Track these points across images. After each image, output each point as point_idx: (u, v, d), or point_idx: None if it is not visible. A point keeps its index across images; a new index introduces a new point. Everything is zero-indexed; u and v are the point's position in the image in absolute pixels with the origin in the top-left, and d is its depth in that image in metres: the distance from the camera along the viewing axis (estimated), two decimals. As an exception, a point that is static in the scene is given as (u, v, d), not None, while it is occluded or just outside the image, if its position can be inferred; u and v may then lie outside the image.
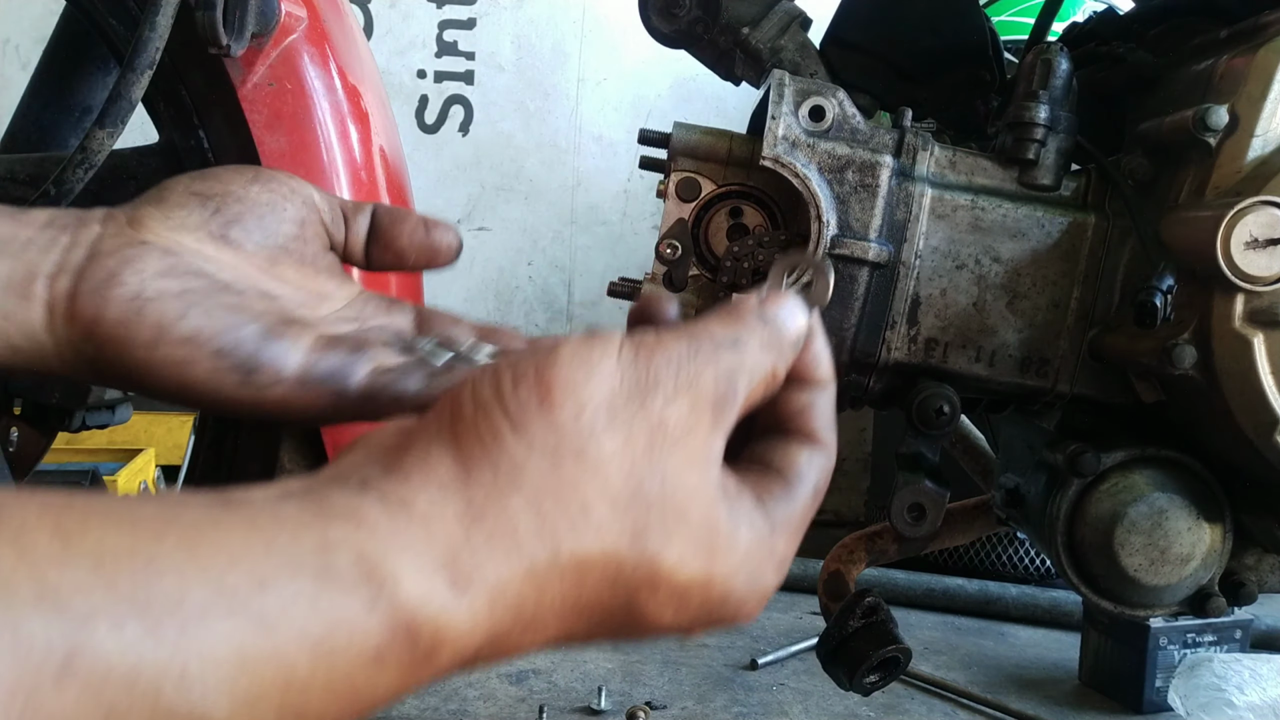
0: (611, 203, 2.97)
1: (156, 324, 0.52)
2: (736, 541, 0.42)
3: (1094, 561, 0.83)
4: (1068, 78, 0.82)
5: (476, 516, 0.37)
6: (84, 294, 0.52)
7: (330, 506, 0.36)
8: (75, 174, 0.66)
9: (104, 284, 0.52)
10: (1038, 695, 1.77)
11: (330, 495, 0.37)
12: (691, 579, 0.40)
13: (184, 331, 0.52)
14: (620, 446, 0.39)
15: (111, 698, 0.29)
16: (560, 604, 0.39)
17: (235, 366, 0.52)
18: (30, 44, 2.71)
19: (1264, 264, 0.72)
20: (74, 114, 1.05)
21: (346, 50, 0.83)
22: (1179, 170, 0.80)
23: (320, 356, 0.54)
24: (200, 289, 0.54)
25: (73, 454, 1.86)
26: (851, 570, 0.97)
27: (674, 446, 0.40)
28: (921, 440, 0.82)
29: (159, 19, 0.66)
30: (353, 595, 0.34)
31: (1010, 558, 2.33)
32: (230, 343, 0.52)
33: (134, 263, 0.53)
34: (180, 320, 0.52)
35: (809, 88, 0.79)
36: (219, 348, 0.52)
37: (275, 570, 0.33)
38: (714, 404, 0.41)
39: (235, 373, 0.52)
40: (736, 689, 1.75)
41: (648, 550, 0.39)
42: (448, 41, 2.90)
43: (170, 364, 0.52)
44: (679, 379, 0.41)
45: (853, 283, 0.79)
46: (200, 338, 0.52)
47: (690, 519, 0.40)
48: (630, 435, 0.39)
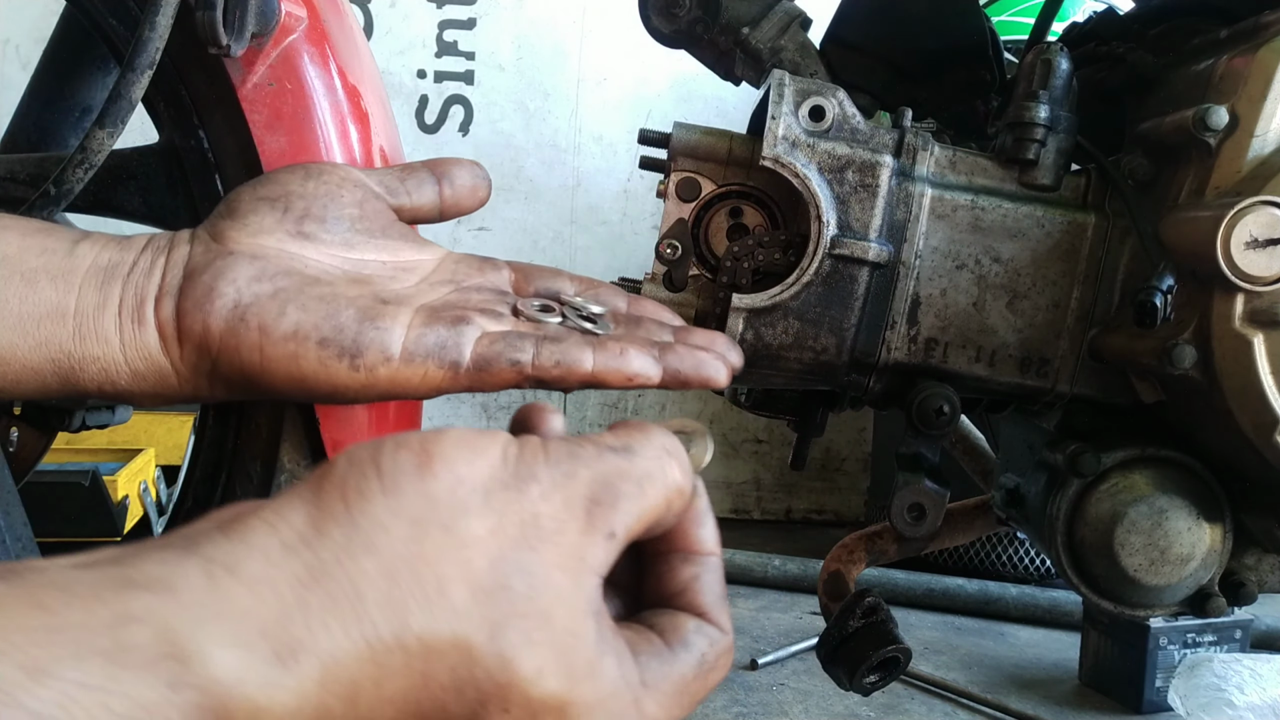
0: (611, 203, 2.97)
1: (259, 327, 0.53)
2: (601, 671, 0.38)
3: (1094, 561, 0.83)
4: (1068, 78, 0.82)
5: (318, 578, 0.33)
6: (188, 312, 0.53)
7: (137, 575, 0.32)
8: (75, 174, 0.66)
9: (204, 299, 0.53)
10: (1038, 695, 1.77)
11: (142, 562, 0.32)
12: (547, 698, 0.36)
13: (286, 329, 0.53)
14: (490, 531, 0.36)
15: None
16: (402, 698, 0.34)
17: (341, 353, 0.53)
18: (30, 44, 2.71)
19: (1264, 264, 0.72)
20: (74, 114, 1.05)
21: (346, 50, 0.83)
22: (1179, 170, 0.80)
23: (424, 331, 0.54)
24: (292, 286, 0.54)
25: (73, 454, 1.86)
26: (851, 570, 0.97)
27: (545, 542, 0.37)
28: (921, 440, 0.82)
29: (159, 19, 0.66)
30: (152, 676, 0.29)
31: (1010, 558, 2.33)
32: (331, 331, 0.53)
33: (226, 274, 0.54)
34: (280, 318, 0.53)
35: (809, 88, 0.79)
36: (322, 337, 0.53)
37: (58, 656, 0.28)
38: (589, 502, 0.39)
39: (343, 358, 0.53)
40: (736, 689, 1.75)
41: (505, 651, 0.35)
42: (448, 41, 2.90)
43: (281, 361, 0.53)
44: (556, 473, 0.39)
45: (853, 283, 0.79)
46: (302, 331, 0.53)
47: (554, 625, 0.36)
48: (502, 523, 0.37)
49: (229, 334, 0.53)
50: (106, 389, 0.53)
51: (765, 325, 0.79)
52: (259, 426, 0.81)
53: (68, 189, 0.66)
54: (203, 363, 0.54)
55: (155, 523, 1.85)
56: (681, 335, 0.61)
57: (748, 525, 3.02)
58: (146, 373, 0.53)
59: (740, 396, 0.96)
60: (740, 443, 3.04)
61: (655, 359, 0.56)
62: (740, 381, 0.87)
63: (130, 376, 0.53)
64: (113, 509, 1.72)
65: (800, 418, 0.97)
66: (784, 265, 0.79)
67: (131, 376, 0.53)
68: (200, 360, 0.53)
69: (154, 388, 0.54)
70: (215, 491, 0.85)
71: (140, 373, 0.53)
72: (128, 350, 0.53)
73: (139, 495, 1.83)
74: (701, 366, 0.57)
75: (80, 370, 0.52)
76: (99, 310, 0.52)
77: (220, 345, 0.53)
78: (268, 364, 0.53)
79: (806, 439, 0.98)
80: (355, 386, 0.53)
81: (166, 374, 0.54)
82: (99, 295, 0.53)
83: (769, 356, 0.80)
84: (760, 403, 0.96)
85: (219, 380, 0.54)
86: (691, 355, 0.58)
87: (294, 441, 0.81)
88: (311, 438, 0.81)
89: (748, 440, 3.04)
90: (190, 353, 0.53)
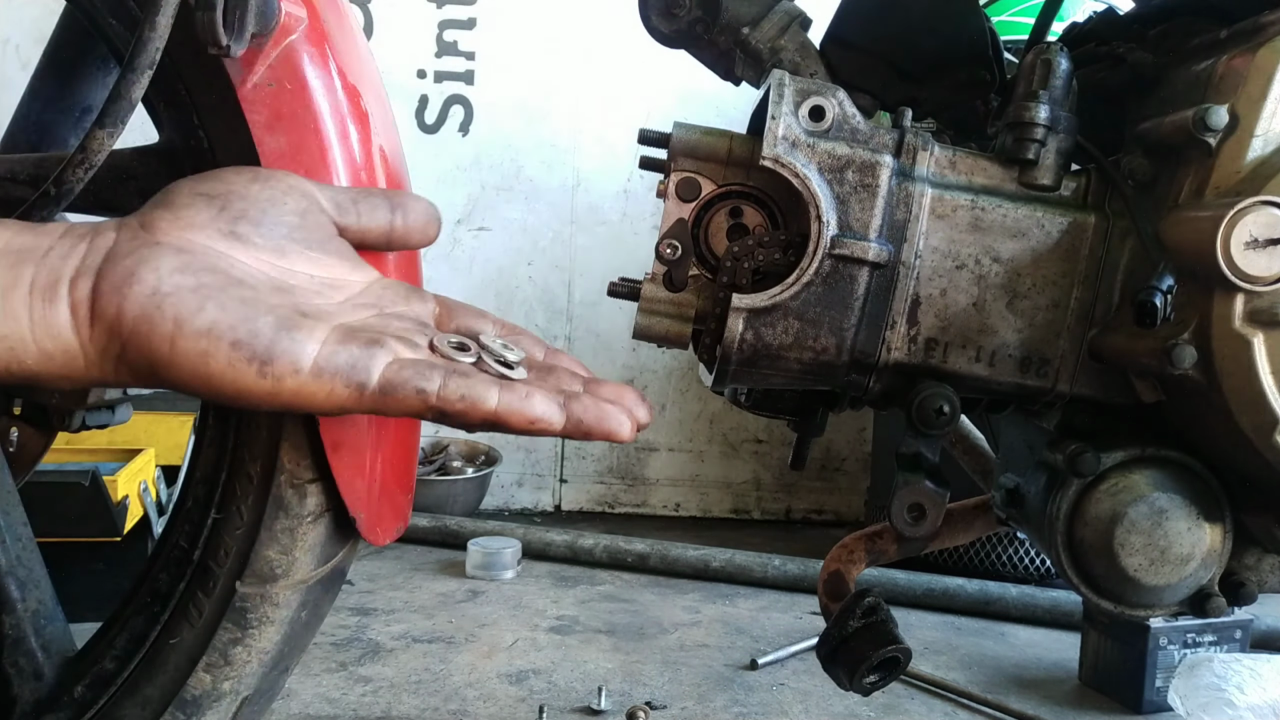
0: (611, 203, 2.97)
1: (175, 318, 0.53)
2: None
3: (1094, 561, 0.83)
4: (1068, 78, 0.82)
5: None
6: (105, 293, 0.53)
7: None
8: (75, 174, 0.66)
9: (123, 282, 0.53)
10: (1038, 695, 1.77)
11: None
12: None
13: (201, 324, 0.53)
14: None
15: None
16: None
17: (253, 357, 0.53)
18: (30, 44, 2.71)
19: (1264, 264, 0.72)
20: (74, 114, 1.05)
21: (346, 50, 0.83)
22: (1179, 170, 0.80)
23: (337, 349, 0.55)
24: (215, 284, 0.55)
25: (73, 454, 1.86)
26: (851, 570, 0.97)
27: None
28: (921, 440, 0.82)
29: (159, 19, 0.66)
30: None
31: (1010, 558, 2.34)
32: (247, 334, 0.53)
33: (150, 261, 0.54)
34: (198, 313, 0.53)
35: (809, 88, 0.79)
36: (236, 339, 0.53)
37: None
38: None
39: (253, 363, 0.53)
40: (736, 689, 1.75)
41: None
42: (448, 41, 2.90)
43: (191, 356, 0.53)
44: None
45: (853, 283, 0.79)
46: (218, 329, 0.53)
47: None
48: None
49: (142, 319, 0.53)
50: (13, 368, 0.53)
51: (765, 325, 0.79)
52: (259, 426, 0.81)
53: (68, 189, 0.66)
54: (111, 346, 0.54)
55: (155, 523, 1.85)
56: (591, 387, 0.63)
57: (748, 525, 3.02)
58: (54, 352, 0.53)
59: (740, 396, 0.96)
60: (740, 443, 3.04)
61: (560, 406, 0.57)
62: (740, 381, 0.87)
63: (37, 355, 0.53)
64: (113, 509, 1.72)
65: (800, 418, 0.97)
66: (784, 265, 0.79)
67: (39, 355, 0.53)
68: (109, 343, 0.54)
69: (61, 369, 0.54)
70: (215, 491, 0.85)
71: (48, 352, 0.53)
72: (36, 329, 0.53)
73: (139, 495, 1.83)
74: (606, 419, 0.58)
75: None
76: (8, 290, 0.53)
77: (131, 330, 0.53)
78: (176, 357, 0.53)
79: (806, 439, 0.99)
80: (259, 393, 0.54)
81: (74, 354, 0.54)
82: (10, 275, 0.53)
83: (769, 356, 0.80)
84: (760, 403, 0.96)
85: (125, 366, 0.54)
86: (597, 406, 0.59)
87: (294, 441, 0.81)
88: (311, 438, 0.81)
89: (748, 440, 3.04)
90: (100, 334, 0.53)
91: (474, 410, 0.55)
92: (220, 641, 0.86)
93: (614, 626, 2.02)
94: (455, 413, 0.55)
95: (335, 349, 0.54)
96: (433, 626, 1.98)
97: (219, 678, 0.86)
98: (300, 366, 0.53)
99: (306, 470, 0.83)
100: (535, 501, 3.04)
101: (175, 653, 0.86)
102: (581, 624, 2.03)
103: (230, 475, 0.85)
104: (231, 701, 0.88)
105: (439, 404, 0.55)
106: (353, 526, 0.86)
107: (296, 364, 0.53)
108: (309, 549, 0.86)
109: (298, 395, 0.54)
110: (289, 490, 0.83)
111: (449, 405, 0.55)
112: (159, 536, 1.59)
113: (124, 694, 0.87)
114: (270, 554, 0.84)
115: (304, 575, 0.86)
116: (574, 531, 2.49)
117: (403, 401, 0.55)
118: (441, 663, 1.80)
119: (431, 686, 1.70)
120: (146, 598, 0.87)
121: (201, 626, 0.86)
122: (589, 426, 0.58)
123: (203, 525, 0.85)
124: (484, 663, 1.81)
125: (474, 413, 0.55)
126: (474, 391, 0.56)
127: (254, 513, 0.84)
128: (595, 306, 2.98)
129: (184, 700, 0.86)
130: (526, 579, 2.31)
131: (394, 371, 0.55)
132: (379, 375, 0.55)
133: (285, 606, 0.87)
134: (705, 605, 2.18)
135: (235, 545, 0.84)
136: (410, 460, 0.91)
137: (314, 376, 0.54)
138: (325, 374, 0.54)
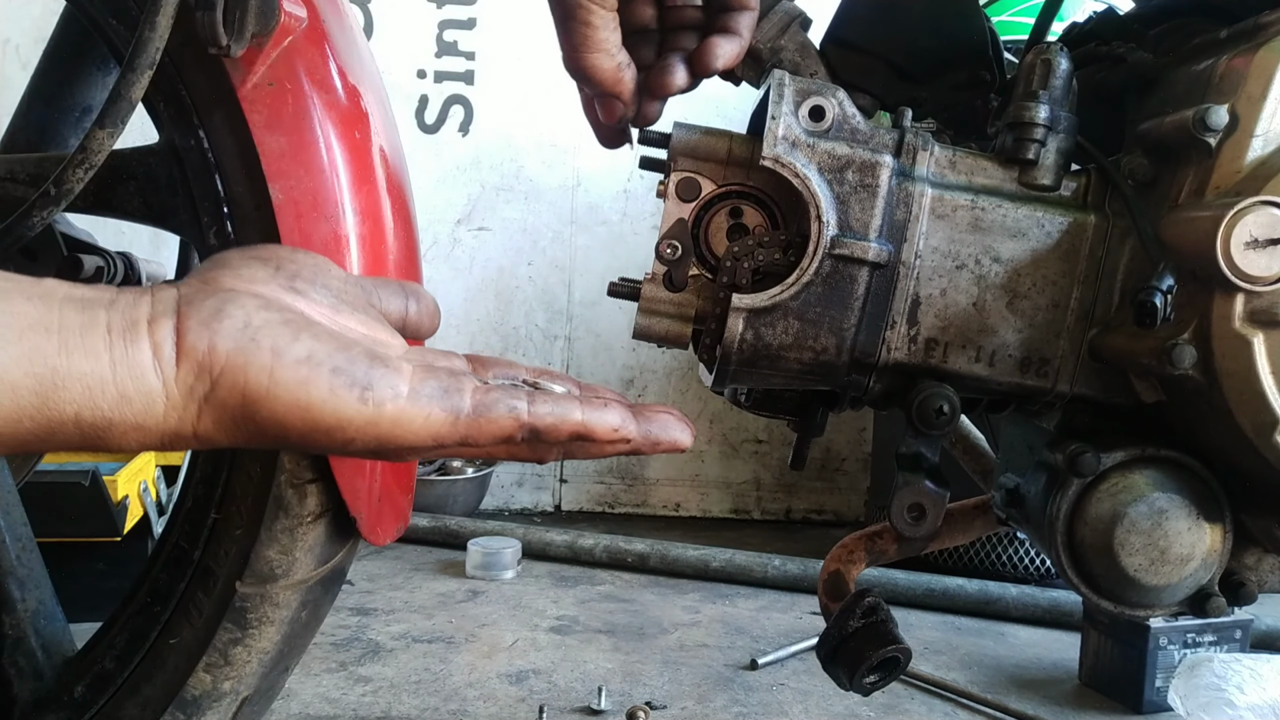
0: (611, 203, 2.97)
1: (271, 348, 0.52)
2: None
3: (1094, 561, 0.83)
4: (1068, 78, 0.82)
5: None
6: (192, 329, 0.52)
7: None
8: (75, 174, 0.66)
9: (211, 318, 0.53)
10: (1038, 695, 1.78)
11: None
12: None
13: (300, 353, 0.53)
14: None
15: None
16: None
17: (353, 383, 0.53)
18: (30, 44, 2.71)
19: (1264, 264, 0.72)
20: (74, 114, 1.05)
21: (346, 50, 0.83)
22: (1179, 170, 0.80)
23: (427, 378, 0.55)
24: (299, 320, 0.55)
25: (73, 454, 1.86)
26: (851, 570, 0.97)
27: None
28: (921, 440, 0.82)
29: (159, 19, 0.66)
30: None
31: (1010, 558, 2.34)
32: (345, 361, 0.54)
33: (233, 299, 0.54)
34: (295, 343, 0.53)
35: (809, 88, 0.79)
36: (336, 365, 0.53)
37: None
38: None
39: (353, 389, 0.53)
40: (736, 689, 1.75)
41: None
42: (448, 41, 2.90)
43: (291, 385, 0.52)
44: None
45: (853, 283, 0.79)
46: (316, 357, 0.53)
47: None
48: None
49: (237, 353, 0.52)
50: (85, 415, 0.50)
51: (765, 325, 0.79)
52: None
53: (68, 189, 0.66)
54: (199, 384, 0.52)
55: (155, 523, 1.85)
56: (638, 408, 0.65)
57: (748, 525, 3.02)
58: (134, 395, 0.51)
59: (740, 396, 0.96)
60: (740, 443, 3.04)
61: (632, 416, 0.60)
62: (740, 381, 0.87)
63: (115, 399, 0.51)
64: (113, 509, 1.72)
65: (800, 418, 0.97)
66: (784, 265, 0.79)
67: (116, 399, 0.51)
68: (198, 382, 0.52)
69: (138, 415, 0.52)
70: (215, 491, 0.85)
71: (128, 395, 0.51)
72: (118, 367, 0.51)
73: (139, 495, 1.83)
74: (669, 428, 0.61)
75: (62, 388, 0.50)
76: (85, 328, 0.51)
77: (226, 364, 0.52)
78: (275, 387, 0.52)
79: (806, 439, 0.98)
80: (360, 422, 0.53)
81: (155, 397, 0.51)
82: (83, 316, 0.51)
83: (769, 356, 0.80)
84: (760, 403, 0.96)
85: (212, 407, 0.53)
86: (658, 418, 0.62)
87: (294, 441, 0.81)
88: (311, 438, 0.81)
89: (748, 440, 3.04)
90: (188, 372, 0.52)
91: (564, 423, 0.57)
92: (220, 641, 0.86)
93: (614, 626, 2.02)
94: (546, 427, 0.57)
95: (425, 378, 0.55)
96: (433, 626, 1.98)
97: (219, 678, 0.86)
98: (399, 392, 0.54)
99: (306, 470, 0.83)
100: (535, 501, 3.04)
101: (175, 653, 0.86)
102: (581, 624, 2.03)
103: (230, 475, 0.85)
104: (231, 701, 0.88)
105: (531, 419, 0.56)
106: (353, 526, 0.86)
107: (395, 389, 0.54)
108: (309, 549, 0.86)
109: (396, 423, 0.54)
110: (289, 490, 0.83)
111: (540, 420, 0.56)
112: (159, 536, 1.59)
113: (124, 694, 0.87)
114: (270, 554, 0.84)
115: (304, 575, 0.86)
116: (574, 531, 2.50)
117: (496, 421, 0.56)
118: (441, 663, 1.80)
119: (431, 686, 1.70)
120: (146, 598, 0.87)
121: (201, 626, 0.86)
122: (656, 436, 0.61)
123: (203, 525, 0.85)
124: (484, 663, 1.81)
125: (564, 425, 0.57)
126: (560, 406, 0.57)
127: (254, 513, 0.84)
128: (595, 306, 2.98)
129: (184, 700, 0.86)
130: (526, 579, 2.31)
131: (483, 395, 0.56)
132: (470, 399, 0.56)
133: (285, 606, 0.87)
134: (705, 605, 2.18)
135: (235, 545, 0.85)
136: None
137: (411, 402, 0.54)
138: (422, 398, 0.54)
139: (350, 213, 0.82)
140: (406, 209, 0.90)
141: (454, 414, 0.55)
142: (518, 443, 0.57)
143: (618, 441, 0.59)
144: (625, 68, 0.80)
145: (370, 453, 0.56)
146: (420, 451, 0.57)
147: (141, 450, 0.54)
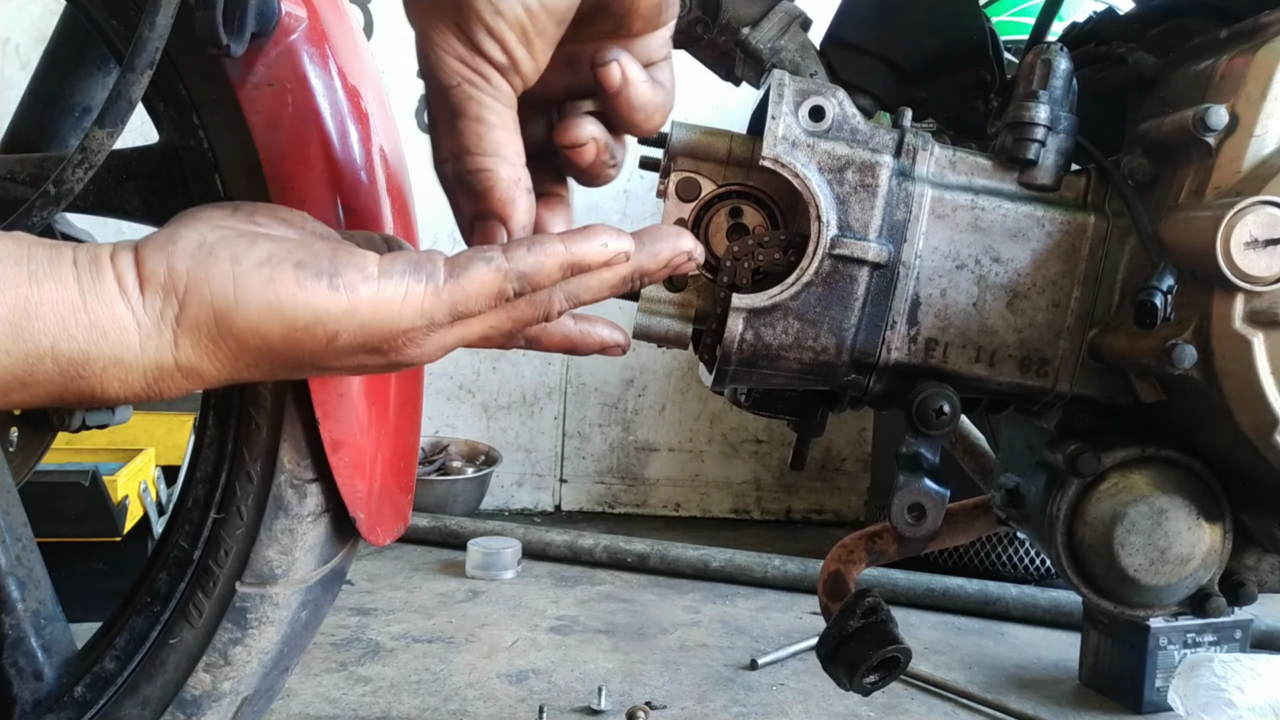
0: (611, 203, 2.97)
1: (230, 256, 0.52)
2: None
3: (1094, 561, 0.83)
4: (1068, 78, 0.82)
5: None
6: (150, 256, 0.53)
7: None
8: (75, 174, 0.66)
9: (166, 241, 0.53)
10: (1038, 695, 1.78)
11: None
12: None
13: (259, 256, 0.53)
14: None
15: None
16: None
17: (320, 272, 0.52)
18: (30, 44, 2.71)
19: (1264, 264, 0.72)
20: (74, 114, 1.05)
21: (346, 50, 0.83)
22: (1179, 170, 0.80)
23: (393, 259, 0.54)
24: (255, 233, 0.55)
25: (73, 454, 1.86)
26: (851, 570, 0.97)
27: None
28: (921, 440, 0.82)
29: (159, 19, 0.66)
30: None
31: (1010, 558, 2.34)
32: (306, 255, 0.53)
33: (187, 224, 0.55)
34: (252, 248, 0.53)
35: (809, 88, 0.79)
36: (298, 260, 0.53)
37: None
38: None
39: (321, 278, 0.52)
40: (736, 689, 1.75)
41: None
42: (448, 41, 2.89)
43: (257, 285, 0.52)
44: None
45: (853, 283, 0.79)
46: (277, 256, 0.53)
47: None
48: None
49: (196, 268, 0.52)
50: (61, 346, 0.51)
51: (765, 325, 0.79)
52: (259, 426, 0.81)
53: (68, 189, 0.66)
54: (168, 307, 0.52)
55: (155, 523, 1.85)
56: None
57: (748, 525, 3.02)
58: (107, 325, 0.51)
59: (740, 396, 0.96)
60: (740, 443, 3.04)
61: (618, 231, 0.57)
62: (740, 381, 0.87)
63: (89, 327, 0.51)
64: (113, 509, 1.72)
65: (800, 418, 0.97)
66: (784, 265, 0.79)
67: (90, 327, 0.51)
68: (165, 305, 0.52)
69: (114, 348, 0.52)
70: (215, 491, 0.85)
71: (100, 325, 0.51)
72: (86, 296, 0.51)
73: (139, 495, 1.83)
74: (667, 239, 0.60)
75: (35, 317, 0.50)
76: (53, 261, 0.51)
77: (189, 281, 0.52)
78: (242, 292, 0.52)
79: (806, 439, 0.98)
80: (337, 311, 0.52)
81: (127, 327, 0.52)
82: (50, 252, 0.51)
83: (769, 356, 0.80)
84: (760, 403, 0.96)
85: (186, 330, 0.52)
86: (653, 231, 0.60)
87: (294, 441, 0.81)
88: (311, 438, 0.81)
89: (748, 440, 3.04)
90: (153, 296, 0.52)
91: (547, 257, 0.54)
92: (220, 641, 0.86)
93: (614, 626, 2.02)
94: (531, 268, 0.54)
95: (393, 259, 0.54)
96: (433, 626, 1.98)
97: (219, 678, 0.86)
98: (369, 274, 0.53)
99: (306, 470, 0.83)
100: (535, 501, 3.04)
101: (175, 653, 0.86)
102: (581, 624, 2.03)
103: (230, 475, 0.85)
104: (231, 701, 0.88)
105: (512, 264, 0.54)
106: (353, 527, 0.86)
107: (365, 271, 0.53)
108: (309, 549, 0.86)
109: (376, 306, 0.53)
110: (289, 490, 0.83)
111: (522, 262, 0.54)
112: (159, 536, 1.59)
113: (124, 694, 0.87)
114: (270, 554, 0.84)
115: (304, 575, 0.87)
116: (574, 531, 2.49)
117: (477, 279, 0.53)
118: (441, 663, 1.80)
119: (431, 686, 1.70)
120: (146, 598, 0.87)
121: (201, 626, 0.86)
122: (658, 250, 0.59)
123: (203, 525, 0.85)
124: (484, 663, 1.81)
125: (548, 259, 0.54)
126: (537, 244, 0.55)
127: (254, 513, 0.84)
128: (595, 306, 2.97)
129: (184, 700, 0.86)
130: (526, 579, 2.31)
131: (453, 260, 0.54)
132: (443, 266, 0.54)
133: (285, 607, 0.87)
134: (705, 605, 2.18)
135: (235, 545, 0.85)
136: (410, 460, 0.91)
137: (384, 278, 0.53)
138: (394, 274, 0.53)
139: (350, 213, 0.82)
140: (406, 209, 0.90)
141: (432, 284, 0.53)
142: (514, 300, 0.55)
143: (616, 259, 0.56)
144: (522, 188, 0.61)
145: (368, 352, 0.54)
146: (417, 340, 0.54)
147: (129, 400, 0.54)
